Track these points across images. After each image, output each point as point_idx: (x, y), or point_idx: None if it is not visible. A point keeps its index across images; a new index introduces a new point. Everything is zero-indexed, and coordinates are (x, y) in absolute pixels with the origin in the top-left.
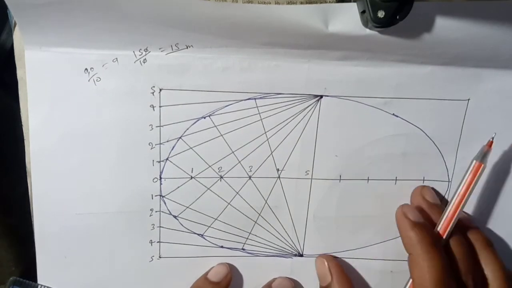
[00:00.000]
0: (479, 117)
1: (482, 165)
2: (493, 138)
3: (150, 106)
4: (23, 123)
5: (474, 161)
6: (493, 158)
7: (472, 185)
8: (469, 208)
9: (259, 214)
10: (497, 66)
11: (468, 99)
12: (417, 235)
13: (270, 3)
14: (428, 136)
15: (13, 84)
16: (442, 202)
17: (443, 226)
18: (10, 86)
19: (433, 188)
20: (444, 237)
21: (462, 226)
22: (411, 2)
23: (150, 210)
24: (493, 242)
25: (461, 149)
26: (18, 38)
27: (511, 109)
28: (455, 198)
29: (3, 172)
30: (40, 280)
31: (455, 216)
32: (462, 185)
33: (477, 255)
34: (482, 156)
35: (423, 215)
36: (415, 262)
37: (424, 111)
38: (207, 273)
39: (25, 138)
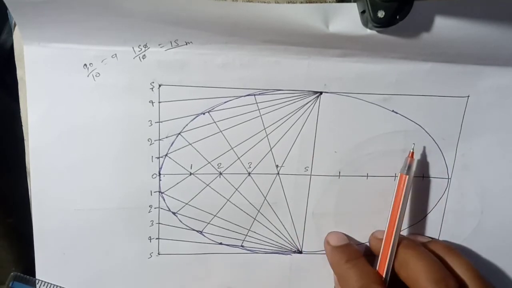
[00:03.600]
0: (479, 114)
1: (408, 176)
2: (413, 149)
3: (149, 101)
4: (23, 123)
5: (399, 174)
6: (491, 155)
7: (402, 197)
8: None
9: (258, 211)
10: (497, 64)
11: (468, 96)
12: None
13: (270, 2)
14: (427, 133)
15: (13, 84)
16: (442, 199)
17: (385, 245)
18: (10, 86)
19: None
20: (389, 254)
21: (420, 242)
22: (411, 2)
23: (149, 206)
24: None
25: (460, 146)
26: (18, 38)
27: (511, 106)
28: (390, 213)
29: (3, 172)
30: (39, 275)
31: (394, 233)
32: (393, 198)
33: (445, 262)
34: (407, 168)
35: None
36: None
37: (424, 107)
38: None
39: (25, 138)
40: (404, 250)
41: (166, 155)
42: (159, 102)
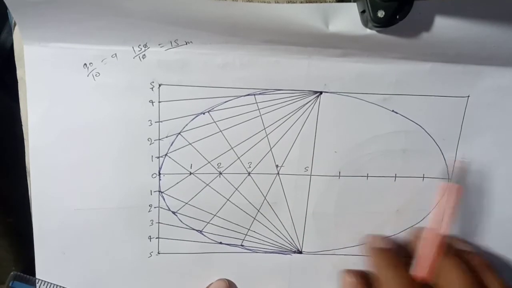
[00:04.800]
0: (479, 114)
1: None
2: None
3: (149, 101)
4: (23, 123)
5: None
6: (491, 155)
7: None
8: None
9: (258, 211)
10: (497, 63)
11: (468, 96)
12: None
13: (270, 2)
14: (427, 133)
15: (13, 84)
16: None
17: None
18: (10, 86)
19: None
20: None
21: (459, 251)
22: (411, 2)
23: (149, 206)
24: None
25: (461, 146)
26: (18, 38)
27: (511, 106)
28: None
29: (3, 172)
30: (39, 275)
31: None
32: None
33: (481, 276)
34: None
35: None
36: None
37: (424, 107)
38: None
39: (25, 138)
40: (443, 256)
41: (166, 154)
42: (159, 102)
